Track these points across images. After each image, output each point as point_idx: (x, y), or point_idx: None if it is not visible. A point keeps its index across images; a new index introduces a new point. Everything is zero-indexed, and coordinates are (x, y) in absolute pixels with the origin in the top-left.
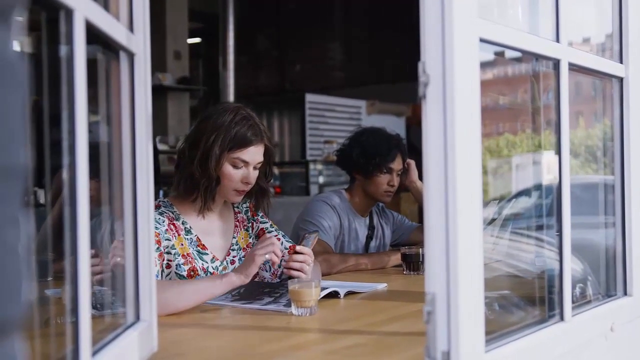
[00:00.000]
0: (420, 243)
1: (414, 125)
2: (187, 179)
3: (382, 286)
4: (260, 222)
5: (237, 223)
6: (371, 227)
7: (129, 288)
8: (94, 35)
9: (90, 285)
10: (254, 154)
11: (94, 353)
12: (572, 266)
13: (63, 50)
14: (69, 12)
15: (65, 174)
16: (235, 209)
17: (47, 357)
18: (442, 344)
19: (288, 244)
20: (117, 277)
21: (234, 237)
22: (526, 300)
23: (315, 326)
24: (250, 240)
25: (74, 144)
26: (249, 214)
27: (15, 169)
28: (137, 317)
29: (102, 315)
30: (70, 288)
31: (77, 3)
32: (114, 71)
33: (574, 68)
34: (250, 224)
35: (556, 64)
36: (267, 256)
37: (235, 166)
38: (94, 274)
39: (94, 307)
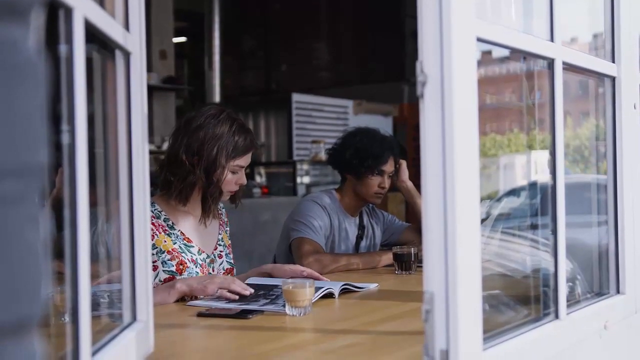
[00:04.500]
0: (410, 242)
1: (401, 124)
2: (188, 187)
3: (373, 286)
4: (229, 233)
5: (221, 222)
6: (361, 227)
7: (125, 289)
8: (91, 34)
9: (90, 286)
10: (249, 158)
11: (93, 353)
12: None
13: (62, 48)
14: (69, 11)
15: (64, 173)
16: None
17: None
18: (440, 343)
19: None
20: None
21: (220, 234)
22: (521, 299)
23: (311, 326)
24: (229, 241)
25: (73, 144)
26: (226, 219)
27: (34, 168)
28: (134, 318)
29: (97, 316)
30: (70, 289)
31: (77, 2)
32: (109, 70)
33: (567, 67)
34: (227, 229)
35: (550, 63)
36: (218, 292)
37: (234, 172)
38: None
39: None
